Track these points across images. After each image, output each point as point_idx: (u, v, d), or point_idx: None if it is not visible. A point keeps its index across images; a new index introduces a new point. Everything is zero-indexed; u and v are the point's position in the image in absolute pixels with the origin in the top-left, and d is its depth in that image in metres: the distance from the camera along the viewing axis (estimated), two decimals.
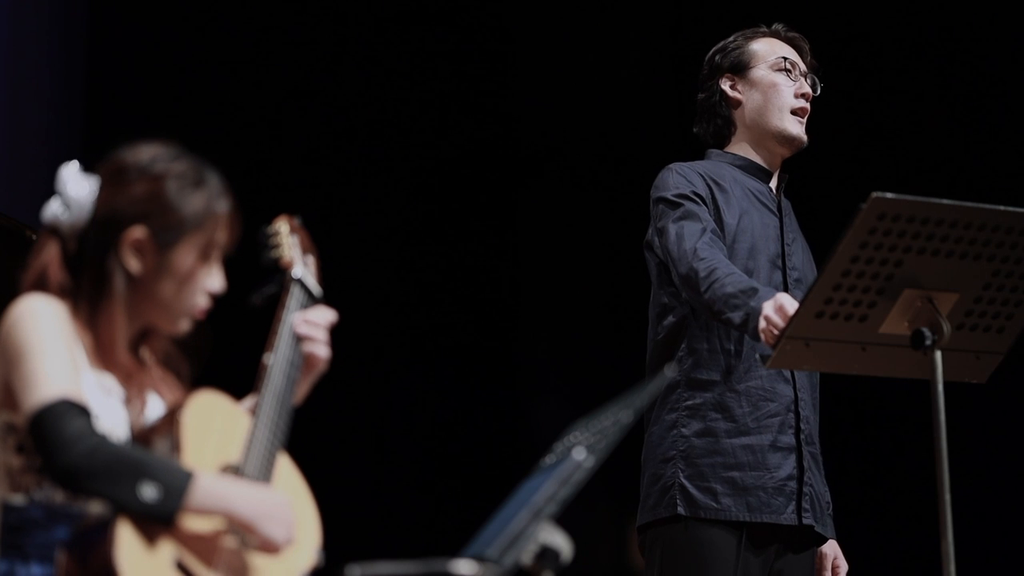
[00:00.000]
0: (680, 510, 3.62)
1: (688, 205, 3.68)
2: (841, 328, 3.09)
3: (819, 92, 3.90)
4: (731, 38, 3.94)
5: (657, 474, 3.69)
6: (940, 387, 3.02)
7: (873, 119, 5.73)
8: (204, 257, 2.57)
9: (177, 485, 2.37)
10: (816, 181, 5.73)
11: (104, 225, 2.54)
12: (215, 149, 2.74)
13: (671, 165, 3.81)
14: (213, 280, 2.59)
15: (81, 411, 2.39)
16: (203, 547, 2.42)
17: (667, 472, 3.66)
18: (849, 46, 5.78)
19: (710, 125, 3.92)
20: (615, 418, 2.51)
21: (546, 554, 2.36)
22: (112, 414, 2.51)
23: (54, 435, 2.36)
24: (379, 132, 6.13)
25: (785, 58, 3.87)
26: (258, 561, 2.47)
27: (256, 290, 2.74)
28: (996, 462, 5.30)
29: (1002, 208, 3.08)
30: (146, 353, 2.62)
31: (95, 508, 2.45)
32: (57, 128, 5.64)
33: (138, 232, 2.53)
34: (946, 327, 3.05)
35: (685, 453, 3.65)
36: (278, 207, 2.92)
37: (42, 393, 2.39)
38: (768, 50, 3.89)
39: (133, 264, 2.53)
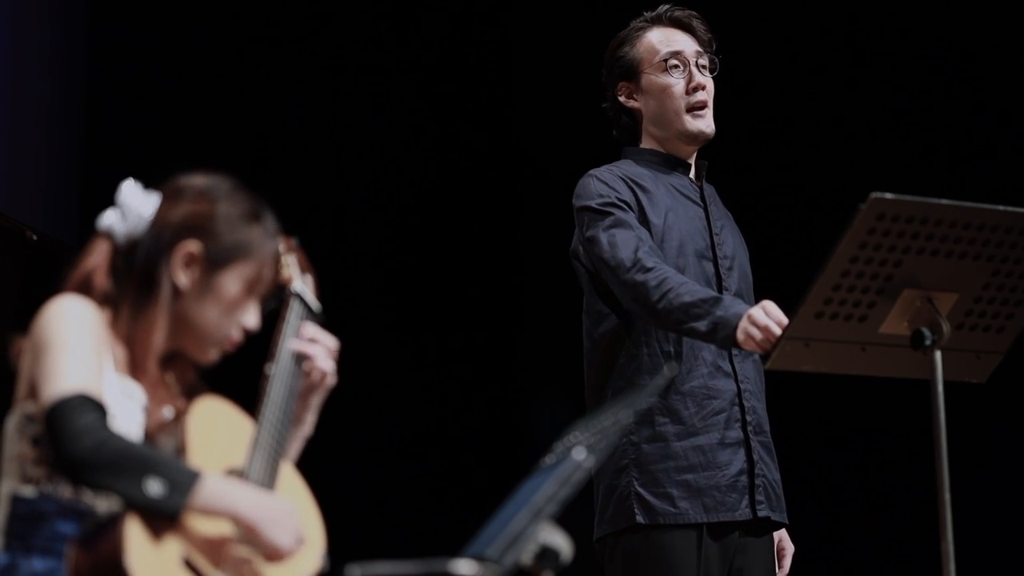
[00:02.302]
0: (639, 519, 3.59)
1: (617, 214, 3.66)
2: (841, 328, 3.09)
3: (717, 71, 3.83)
4: (619, 42, 3.87)
5: (612, 485, 3.66)
6: (940, 387, 3.02)
7: (872, 118, 5.73)
8: (249, 290, 2.61)
9: (183, 482, 2.39)
10: (816, 180, 5.74)
11: (159, 234, 2.58)
12: (216, 151, 2.75)
13: (591, 172, 3.78)
14: (251, 316, 2.63)
15: (96, 406, 2.42)
16: (211, 548, 2.44)
17: (622, 482, 3.63)
18: (849, 45, 5.78)
19: (618, 131, 3.91)
20: (615, 418, 2.51)
21: (546, 554, 2.37)
22: (130, 417, 2.53)
23: (65, 427, 2.38)
24: (380, 133, 6.13)
25: (667, 58, 3.79)
26: (264, 565, 2.48)
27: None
28: (996, 462, 5.30)
29: (1002, 208, 3.08)
30: (171, 379, 2.64)
31: (103, 505, 2.47)
32: (57, 129, 5.64)
33: (192, 246, 2.57)
34: (946, 327, 3.05)
35: (637, 461, 3.63)
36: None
37: (60, 386, 2.42)
38: (652, 49, 3.81)
39: (181, 277, 2.58)
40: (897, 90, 5.69)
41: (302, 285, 2.81)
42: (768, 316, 3.35)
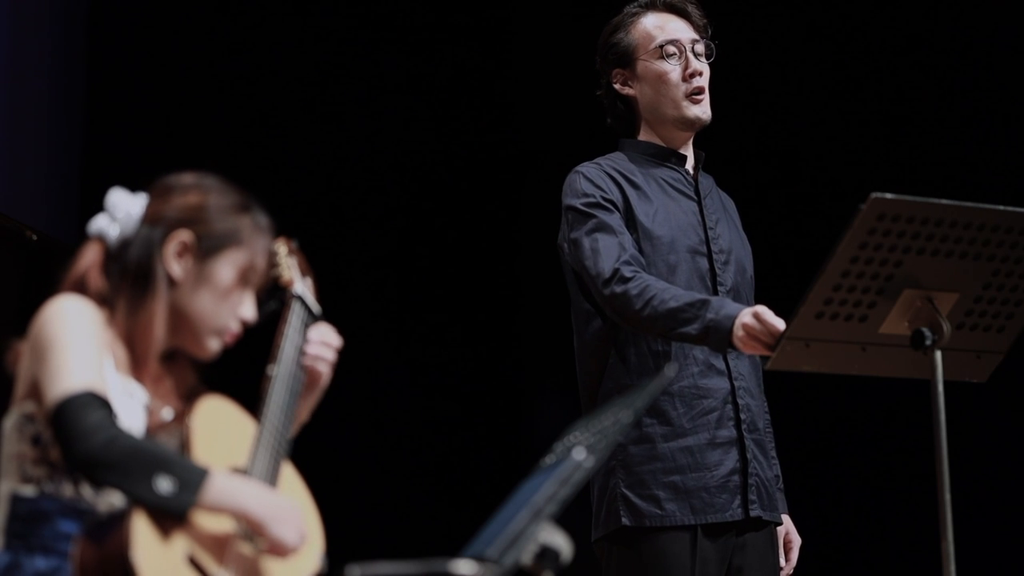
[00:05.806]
0: (625, 520, 3.55)
1: (600, 216, 3.61)
2: (841, 328, 3.09)
3: (714, 55, 3.77)
4: (613, 28, 3.82)
5: (603, 487, 3.63)
6: (940, 387, 3.02)
7: (872, 118, 5.73)
8: (243, 279, 2.63)
9: (192, 480, 2.40)
10: (816, 180, 5.74)
11: (151, 228, 2.60)
12: (215, 150, 2.76)
13: (579, 168, 3.73)
14: (247, 308, 2.65)
15: (103, 404, 2.43)
16: (215, 545, 2.45)
17: (610, 484, 3.60)
18: (849, 44, 5.78)
19: (614, 120, 3.84)
20: (615, 418, 2.51)
21: (546, 554, 2.37)
22: (132, 416, 2.54)
23: (74, 425, 2.39)
24: (380, 132, 6.13)
25: (663, 45, 3.73)
26: (266, 564, 2.50)
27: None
28: (996, 462, 5.30)
29: (1002, 208, 3.08)
30: (171, 383, 2.65)
31: (104, 503, 2.49)
32: (57, 129, 5.65)
33: (184, 236, 2.60)
34: (946, 327, 3.05)
35: (624, 462, 3.59)
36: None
37: (66, 384, 2.43)
38: (647, 35, 3.76)
39: (175, 268, 2.59)
40: (898, 89, 5.70)
41: (303, 288, 2.84)
42: (752, 314, 3.32)
